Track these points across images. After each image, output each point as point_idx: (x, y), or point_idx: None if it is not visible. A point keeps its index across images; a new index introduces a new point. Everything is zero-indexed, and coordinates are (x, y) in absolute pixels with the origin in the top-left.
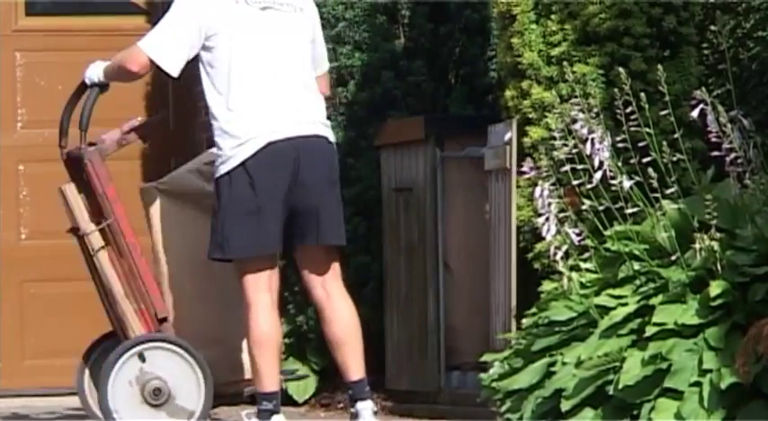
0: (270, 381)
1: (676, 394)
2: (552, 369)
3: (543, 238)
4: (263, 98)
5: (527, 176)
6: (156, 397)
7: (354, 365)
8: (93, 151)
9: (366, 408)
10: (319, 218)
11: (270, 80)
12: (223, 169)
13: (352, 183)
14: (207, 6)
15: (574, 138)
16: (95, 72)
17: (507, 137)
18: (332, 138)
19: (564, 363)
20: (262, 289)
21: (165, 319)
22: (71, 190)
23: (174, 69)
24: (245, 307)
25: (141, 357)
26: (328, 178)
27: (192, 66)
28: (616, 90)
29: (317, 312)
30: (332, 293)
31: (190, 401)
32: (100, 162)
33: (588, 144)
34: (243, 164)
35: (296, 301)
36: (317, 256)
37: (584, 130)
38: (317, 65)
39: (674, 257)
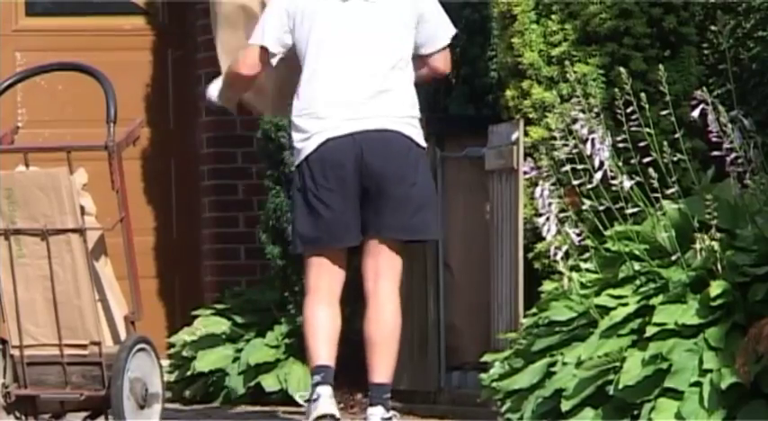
0: (317, 355)
1: (676, 394)
2: (552, 369)
3: (543, 238)
4: (331, 92)
5: (527, 176)
6: (144, 397)
7: (380, 368)
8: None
9: (374, 414)
10: (381, 211)
11: (340, 73)
12: (294, 162)
13: None
14: None
15: (574, 138)
16: (213, 93)
17: (514, 136)
18: (407, 131)
19: (564, 363)
20: (324, 275)
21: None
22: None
23: (270, 44)
24: (306, 292)
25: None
26: (396, 172)
27: (190, 67)
28: (616, 90)
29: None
30: (381, 292)
31: (153, 385)
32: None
33: (588, 144)
34: (306, 159)
35: (296, 301)
36: (377, 249)
37: (585, 130)
38: (427, 46)
39: (674, 257)
